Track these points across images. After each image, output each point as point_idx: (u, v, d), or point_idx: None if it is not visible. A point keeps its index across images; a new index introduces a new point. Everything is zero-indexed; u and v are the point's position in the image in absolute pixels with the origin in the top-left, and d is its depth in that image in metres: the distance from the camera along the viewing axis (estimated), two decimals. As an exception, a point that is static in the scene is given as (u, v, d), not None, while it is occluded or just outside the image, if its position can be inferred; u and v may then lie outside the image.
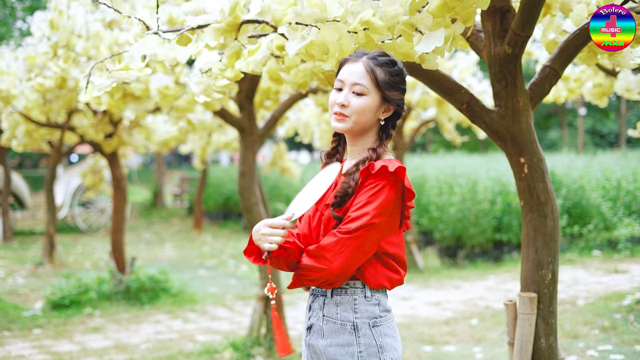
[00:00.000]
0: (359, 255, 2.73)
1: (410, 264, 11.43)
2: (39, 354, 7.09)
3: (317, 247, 2.74)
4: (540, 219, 3.82)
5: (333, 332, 2.83)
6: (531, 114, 3.87)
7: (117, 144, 9.09)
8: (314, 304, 2.92)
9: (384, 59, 2.87)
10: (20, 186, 18.78)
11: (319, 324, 2.87)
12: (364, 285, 2.83)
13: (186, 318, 8.64)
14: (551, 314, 3.82)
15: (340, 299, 2.84)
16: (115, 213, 9.54)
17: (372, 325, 2.81)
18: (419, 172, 15.20)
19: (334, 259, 2.69)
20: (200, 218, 18.84)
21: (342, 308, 2.83)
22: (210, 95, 3.79)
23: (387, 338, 2.84)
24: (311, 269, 2.74)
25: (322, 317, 2.86)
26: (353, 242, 2.69)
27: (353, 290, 2.83)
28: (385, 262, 2.82)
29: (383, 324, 2.84)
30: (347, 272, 2.74)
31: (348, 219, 2.72)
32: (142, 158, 43.91)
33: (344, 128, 2.85)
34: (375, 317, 2.83)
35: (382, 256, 2.81)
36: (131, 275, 9.53)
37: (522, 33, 3.58)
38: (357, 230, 2.69)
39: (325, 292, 2.87)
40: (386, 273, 2.83)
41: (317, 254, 2.73)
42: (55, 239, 13.06)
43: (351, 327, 2.81)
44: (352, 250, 2.70)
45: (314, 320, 2.90)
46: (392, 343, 2.85)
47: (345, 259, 2.70)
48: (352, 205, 2.75)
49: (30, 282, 11.34)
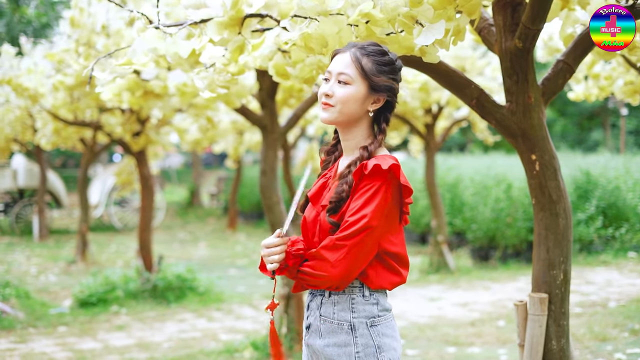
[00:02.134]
0: (361, 259, 2.66)
1: (441, 264, 11.32)
2: (62, 351, 7.12)
3: (317, 253, 2.68)
4: (552, 217, 3.72)
5: (330, 331, 2.77)
6: (543, 110, 3.77)
7: (144, 143, 9.10)
8: (312, 304, 2.86)
9: (372, 49, 2.78)
10: (56, 185, 18.96)
11: (317, 324, 2.81)
12: (362, 284, 2.76)
13: (211, 317, 8.62)
14: (563, 316, 3.72)
15: (337, 299, 2.77)
16: (142, 211, 9.56)
17: (370, 325, 2.75)
18: (454, 172, 15.04)
19: (335, 266, 2.63)
20: (234, 217, 18.86)
21: (339, 307, 2.76)
22: (215, 91, 3.75)
23: (386, 338, 2.77)
24: (312, 275, 2.69)
25: (320, 316, 2.80)
26: (353, 247, 2.62)
27: (351, 290, 2.76)
28: (387, 263, 2.75)
29: (381, 323, 2.77)
30: (350, 277, 2.68)
31: (346, 224, 2.65)
32: (183, 158, 44.13)
33: (328, 118, 2.78)
34: (373, 317, 2.76)
35: (384, 257, 2.74)
36: (158, 273, 9.54)
37: (532, 26, 3.48)
38: (356, 235, 2.62)
39: (323, 291, 2.81)
40: (387, 276, 2.76)
41: (318, 260, 2.68)
42: (87, 237, 13.15)
43: (348, 327, 2.74)
44: (353, 255, 2.63)
45: (312, 320, 2.84)
46: (390, 343, 2.78)
47: (347, 265, 2.64)
48: (348, 209, 2.68)
49: (61, 279, 11.43)
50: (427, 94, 9.60)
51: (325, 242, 2.67)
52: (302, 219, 2.91)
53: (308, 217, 2.86)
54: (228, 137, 14.95)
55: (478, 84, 8.96)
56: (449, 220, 13.48)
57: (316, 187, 2.91)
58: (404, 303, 9.22)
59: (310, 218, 2.84)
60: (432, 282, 10.62)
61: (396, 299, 9.44)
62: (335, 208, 2.72)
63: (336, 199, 2.72)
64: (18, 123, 11.56)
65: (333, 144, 3.00)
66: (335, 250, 2.63)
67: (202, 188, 27.55)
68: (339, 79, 2.76)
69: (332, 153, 3.00)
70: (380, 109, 2.83)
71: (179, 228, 19.76)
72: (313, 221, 2.82)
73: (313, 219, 2.83)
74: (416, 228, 14.61)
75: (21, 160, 18.54)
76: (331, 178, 2.89)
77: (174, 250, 15.12)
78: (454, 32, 3.26)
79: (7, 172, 18.21)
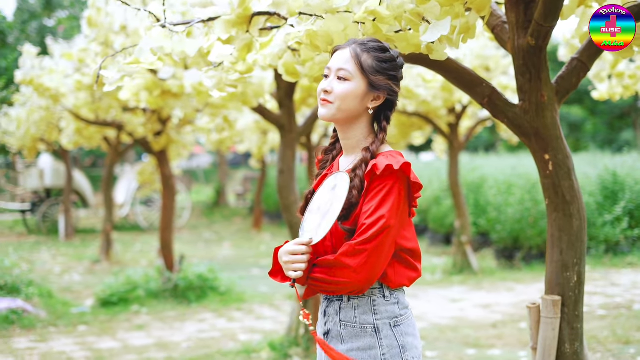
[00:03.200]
0: (382, 261, 2.60)
1: (464, 265, 11.23)
2: (81, 350, 7.13)
3: (337, 261, 2.59)
4: (565, 218, 3.65)
5: (353, 336, 2.71)
6: (557, 109, 3.69)
7: (165, 142, 9.11)
8: (329, 309, 2.79)
9: (373, 45, 2.72)
10: (82, 184, 19.10)
11: (337, 329, 2.75)
12: (381, 285, 2.71)
13: (231, 317, 8.60)
14: (577, 318, 3.64)
15: (358, 302, 2.71)
16: (163, 211, 9.57)
17: (394, 325, 2.70)
18: (478, 172, 14.93)
19: (358, 272, 2.56)
20: (259, 217, 18.87)
21: (360, 311, 2.71)
22: (224, 90, 3.72)
23: (409, 337, 2.73)
24: (332, 282, 2.61)
25: (340, 322, 2.74)
26: (374, 251, 2.56)
27: (371, 292, 2.71)
28: (404, 260, 2.70)
29: (404, 322, 2.73)
30: (374, 280, 2.62)
31: (363, 227, 2.58)
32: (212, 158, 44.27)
33: (327, 115, 2.73)
34: (396, 317, 2.71)
35: (401, 254, 2.69)
36: (180, 273, 9.54)
37: (545, 24, 3.41)
38: (376, 237, 2.55)
39: (341, 296, 2.75)
40: (406, 273, 2.72)
41: (339, 268, 2.59)
42: (112, 236, 13.21)
43: (372, 330, 2.69)
44: (374, 258, 2.57)
45: (330, 326, 2.77)
46: (413, 342, 2.74)
47: (370, 268, 2.57)
48: (362, 212, 2.62)
49: (85, 279, 11.49)
50: (450, 93, 9.50)
51: (344, 249, 2.59)
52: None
53: None
54: (252, 137, 14.95)
55: (500, 82, 8.84)
56: (473, 221, 13.38)
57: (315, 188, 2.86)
58: (425, 304, 9.15)
59: None
60: (454, 283, 10.54)
61: (418, 300, 9.38)
62: (347, 215, 2.66)
63: (347, 206, 2.66)
64: (43, 123, 11.64)
65: (332, 143, 2.95)
66: (356, 256, 2.56)
67: (229, 188, 27.61)
68: (338, 75, 2.71)
69: (330, 152, 2.94)
70: (380, 107, 2.77)
71: (204, 228, 19.80)
72: None
73: None
74: (440, 228, 14.52)
75: (48, 160, 18.69)
76: None
77: (199, 250, 15.15)
78: (463, 30, 3.20)
79: (34, 171, 18.37)
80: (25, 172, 18.71)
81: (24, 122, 12.37)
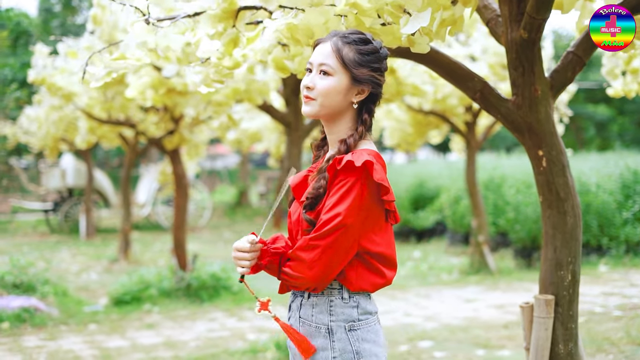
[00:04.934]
0: (337, 259, 2.54)
1: (481, 265, 11.11)
2: (89, 348, 7.13)
3: (293, 254, 2.57)
4: (559, 216, 3.57)
5: (308, 335, 2.66)
6: (551, 104, 3.61)
7: (178, 142, 9.09)
8: (293, 304, 2.76)
9: (354, 37, 2.64)
10: (104, 184, 19.18)
11: (296, 325, 2.71)
12: (341, 286, 2.64)
13: (242, 316, 8.57)
14: (571, 318, 3.55)
15: (316, 301, 2.66)
16: (176, 210, 9.56)
17: (349, 329, 2.63)
18: (499, 171, 14.78)
19: (311, 267, 2.52)
20: (278, 217, 18.81)
21: (317, 310, 2.65)
22: (210, 85, 3.67)
23: (366, 343, 2.64)
24: (291, 276, 2.59)
25: (299, 318, 2.70)
26: (328, 247, 2.51)
27: (330, 292, 2.65)
28: (369, 263, 2.62)
29: (361, 327, 2.65)
30: (328, 278, 2.57)
31: (320, 222, 2.53)
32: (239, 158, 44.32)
33: (311, 112, 2.67)
34: (353, 321, 2.64)
35: (365, 257, 2.61)
36: (192, 272, 9.53)
37: (537, 16, 3.35)
38: (331, 234, 2.50)
39: (304, 292, 2.70)
40: (369, 277, 2.64)
41: (295, 261, 2.57)
42: (130, 236, 13.24)
43: (326, 331, 2.63)
44: (328, 256, 2.52)
45: (292, 321, 2.75)
46: (371, 349, 2.65)
47: (323, 265, 2.52)
48: (324, 207, 2.57)
49: (102, 278, 11.53)
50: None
51: (300, 243, 2.57)
52: (287, 215, 2.81)
53: (293, 214, 2.76)
54: (271, 137, 14.93)
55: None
56: (492, 221, 13.24)
57: (298, 181, 2.80)
58: (438, 304, 9.06)
59: (295, 213, 2.74)
60: (470, 283, 10.43)
61: (432, 300, 9.29)
62: (312, 204, 2.61)
63: (313, 195, 2.60)
64: (62, 123, 11.70)
65: (322, 138, 2.88)
66: (309, 251, 2.52)
67: (253, 187, 27.61)
68: (320, 70, 2.64)
69: (321, 147, 2.87)
70: (365, 100, 2.70)
71: (225, 228, 19.81)
72: (297, 218, 2.72)
73: (298, 214, 2.72)
74: (460, 228, 14.39)
75: (70, 160, 18.80)
76: (313, 172, 2.78)
77: (218, 249, 15.14)
78: (450, 22, 3.13)
79: (56, 171, 18.48)
80: (47, 172, 18.84)
81: (43, 122, 12.45)
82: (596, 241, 11.63)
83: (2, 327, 7.78)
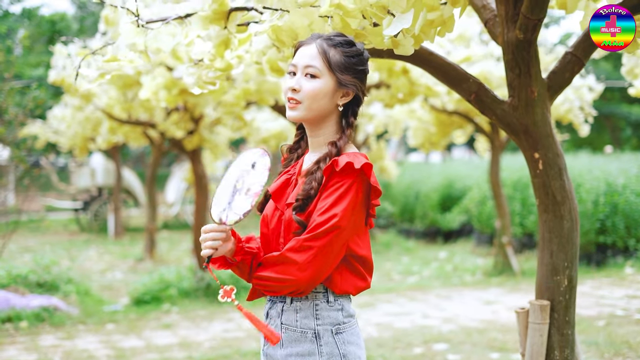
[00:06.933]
0: (329, 261, 2.50)
1: (504, 267, 11.00)
2: (104, 348, 7.16)
3: (282, 256, 2.50)
4: (556, 219, 3.49)
5: (293, 340, 2.60)
6: (548, 105, 3.54)
7: (197, 142, 9.11)
8: (272, 311, 2.69)
9: (339, 39, 2.61)
10: (133, 183, 19.31)
11: (278, 332, 2.66)
12: (326, 289, 2.60)
13: (260, 316, 8.53)
14: (567, 324, 3.48)
15: (300, 305, 2.61)
16: (196, 210, 9.59)
17: (335, 333, 2.59)
18: (526, 172, 14.61)
19: (303, 269, 2.46)
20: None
21: (302, 314, 2.60)
22: (203, 87, 3.65)
23: (351, 346, 2.61)
24: (276, 279, 2.50)
25: (281, 324, 2.63)
26: (322, 249, 2.46)
27: (314, 295, 2.60)
28: (354, 267, 2.59)
29: (346, 330, 2.61)
30: (318, 281, 2.52)
31: (314, 224, 2.48)
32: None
33: (297, 116, 2.62)
34: (339, 324, 2.60)
35: (351, 260, 2.58)
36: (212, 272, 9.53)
37: (532, 16, 3.27)
38: (326, 235, 2.45)
39: (285, 298, 2.64)
40: (353, 280, 2.60)
41: (283, 263, 2.49)
42: (155, 235, 13.31)
43: (312, 335, 2.58)
44: (321, 257, 2.47)
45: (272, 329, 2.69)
46: (355, 351, 2.62)
47: (316, 267, 2.47)
48: (316, 208, 2.52)
49: (127, 277, 11.60)
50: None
51: (291, 244, 2.50)
52: (261, 218, 2.77)
53: (269, 217, 2.71)
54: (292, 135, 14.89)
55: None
56: (519, 221, 13.11)
57: (278, 184, 2.75)
58: (458, 306, 8.97)
59: (273, 218, 2.69)
60: (492, 285, 10.32)
61: (452, 302, 9.21)
62: (303, 206, 2.55)
63: (304, 196, 2.55)
64: (88, 122, 11.78)
65: (296, 141, 2.84)
66: (302, 252, 2.46)
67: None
68: (306, 72, 2.60)
69: (295, 150, 2.83)
70: (348, 103, 2.67)
71: (253, 227, 19.84)
72: (277, 221, 2.67)
73: (277, 219, 2.67)
74: (486, 229, 14.26)
75: (99, 159, 18.96)
76: (295, 175, 2.74)
77: (242, 249, 15.14)
78: (439, 23, 3.07)
79: (85, 170, 18.65)
80: (77, 171, 19.02)
81: (70, 122, 12.55)
82: (623, 243, 11.45)
83: (20, 326, 7.85)
